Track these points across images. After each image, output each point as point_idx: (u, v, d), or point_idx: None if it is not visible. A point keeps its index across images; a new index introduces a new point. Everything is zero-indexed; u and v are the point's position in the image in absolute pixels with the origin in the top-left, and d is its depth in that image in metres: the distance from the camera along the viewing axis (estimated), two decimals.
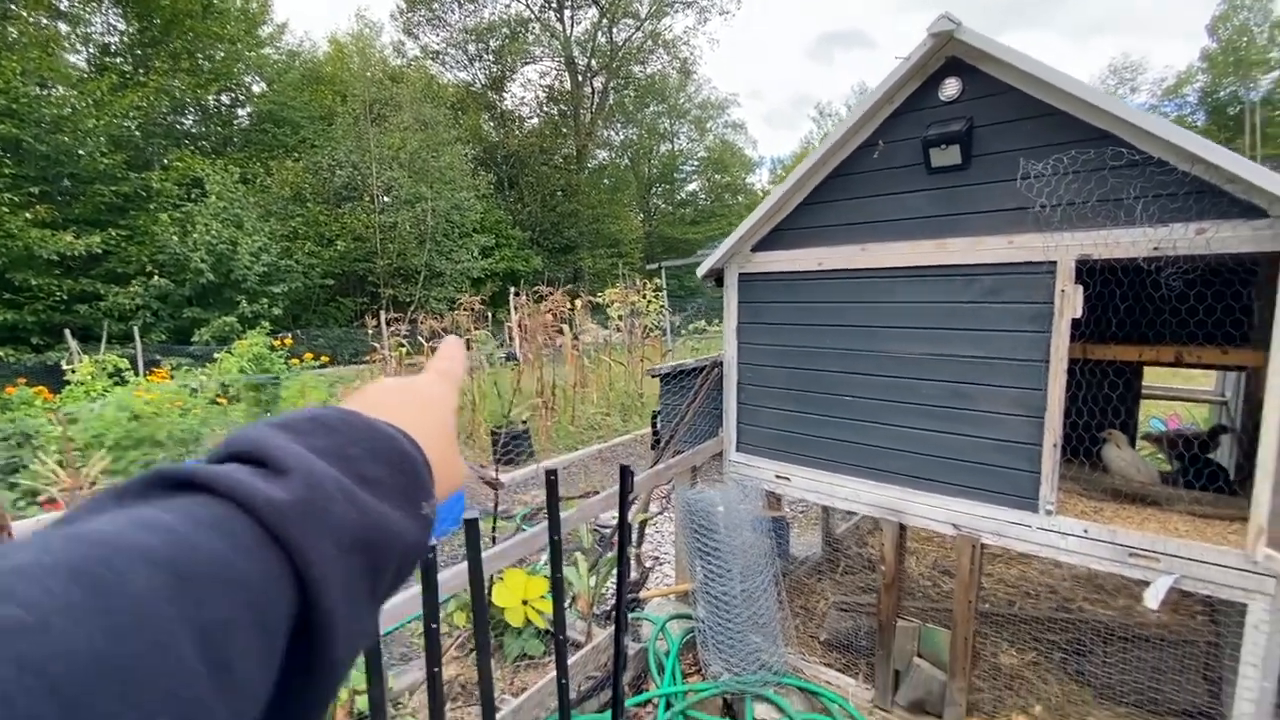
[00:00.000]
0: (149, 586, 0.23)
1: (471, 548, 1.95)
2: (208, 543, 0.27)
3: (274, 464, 0.32)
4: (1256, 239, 2.24)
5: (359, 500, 0.33)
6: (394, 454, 0.38)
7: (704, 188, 44.16)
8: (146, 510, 0.28)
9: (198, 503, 0.29)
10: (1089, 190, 2.50)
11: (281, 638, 0.29)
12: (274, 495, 0.30)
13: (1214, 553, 2.46)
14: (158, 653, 0.22)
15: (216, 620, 0.25)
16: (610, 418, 10.74)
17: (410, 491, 0.38)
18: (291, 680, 0.30)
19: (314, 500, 0.31)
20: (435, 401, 0.49)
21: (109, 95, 17.29)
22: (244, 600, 0.27)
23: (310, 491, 0.31)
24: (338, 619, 0.30)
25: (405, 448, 0.39)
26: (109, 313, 16.26)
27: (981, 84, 2.76)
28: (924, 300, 3.04)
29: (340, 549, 0.31)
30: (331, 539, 0.31)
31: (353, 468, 0.35)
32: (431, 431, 0.45)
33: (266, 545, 0.29)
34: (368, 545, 0.33)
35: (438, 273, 23.52)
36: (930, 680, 3.19)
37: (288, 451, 0.33)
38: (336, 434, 0.37)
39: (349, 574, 0.32)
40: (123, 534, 0.25)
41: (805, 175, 3.34)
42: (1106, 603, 4.13)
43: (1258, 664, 2.40)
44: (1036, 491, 2.78)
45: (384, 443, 0.38)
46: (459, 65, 33.57)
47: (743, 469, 3.91)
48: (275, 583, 0.29)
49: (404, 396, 0.47)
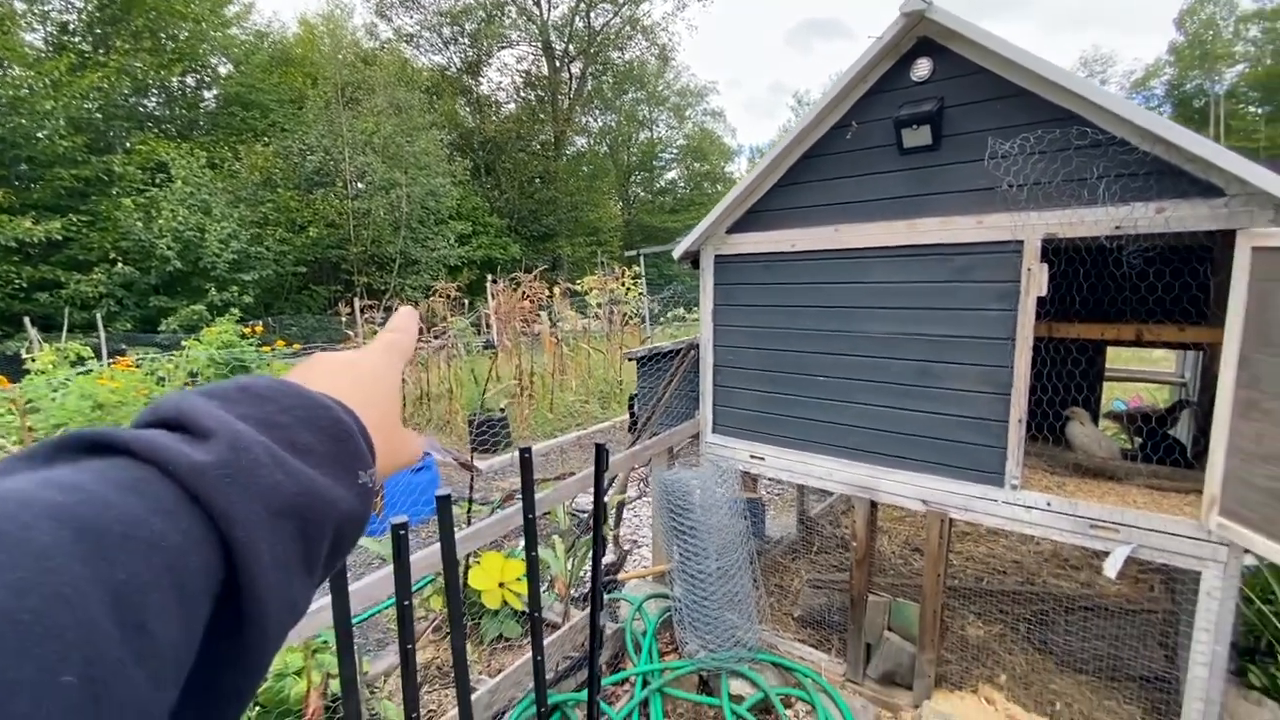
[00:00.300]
0: (54, 542, 0.23)
1: (444, 524, 1.94)
2: (121, 502, 0.26)
3: (196, 429, 0.31)
4: (1214, 218, 2.31)
5: (288, 466, 0.33)
6: (326, 421, 0.37)
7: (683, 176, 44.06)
8: (56, 471, 0.27)
9: (113, 464, 0.28)
10: (1054, 170, 2.54)
11: (205, 602, 0.28)
12: (195, 457, 0.29)
13: (1170, 523, 2.55)
14: (62, 608, 0.21)
15: (130, 581, 0.24)
16: (589, 405, 10.74)
17: (345, 460, 0.37)
18: (220, 647, 0.29)
19: (238, 463, 0.30)
20: (378, 374, 0.48)
21: (67, 76, 16.64)
22: (161, 562, 0.26)
23: (234, 454, 0.30)
24: (266, 585, 0.29)
25: (339, 415, 0.38)
26: (71, 301, 15.75)
27: (952, 64, 2.78)
28: (895, 280, 3.07)
29: (269, 513, 0.30)
30: (259, 503, 0.30)
31: (282, 435, 0.34)
32: (373, 404, 0.44)
33: (187, 507, 0.28)
34: (298, 512, 0.32)
35: (413, 260, 23.19)
36: (900, 653, 3.27)
37: (212, 416, 0.32)
38: (266, 402, 0.36)
39: (278, 540, 0.31)
40: (27, 491, 0.24)
41: (780, 156, 3.34)
42: (1070, 576, 4.26)
43: (1210, 629, 2.50)
44: (1002, 467, 2.85)
45: (316, 410, 0.37)
46: (434, 49, 32.92)
47: (719, 450, 3.94)
48: (197, 545, 0.28)
49: (344, 369, 0.46)
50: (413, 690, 1.89)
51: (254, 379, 0.37)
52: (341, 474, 0.36)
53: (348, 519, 0.35)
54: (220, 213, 18.25)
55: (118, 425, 0.33)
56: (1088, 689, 3.25)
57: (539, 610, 2.17)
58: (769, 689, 3.24)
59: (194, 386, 4.71)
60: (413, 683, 1.90)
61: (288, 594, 0.31)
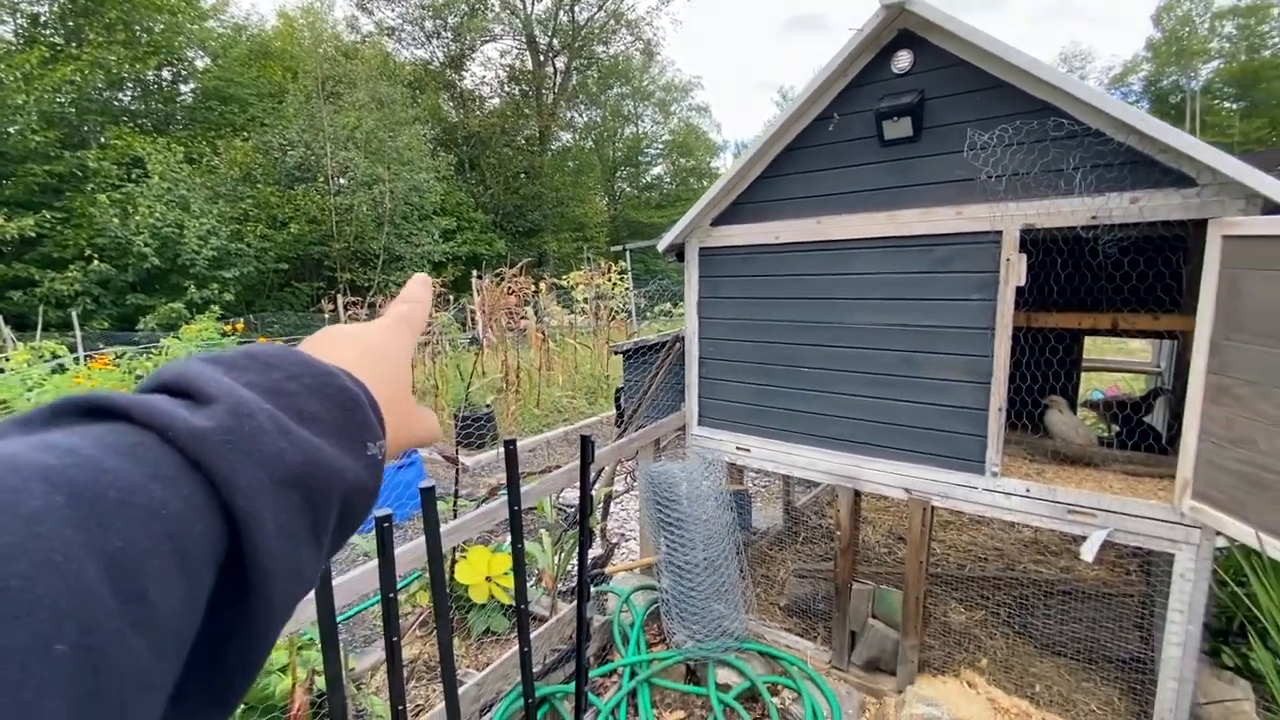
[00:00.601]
0: (45, 506, 0.22)
1: (428, 517, 1.94)
2: (119, 467, 0.25)
3: (199, 394, 0.30)
4: (1185, 207, 2.35)
5: (293, 434, 0.32)
6: (333, 390, 0.36)
7: (669, 171, 44.02)
8: (51, 435, 0.26)
9: (111, 429, 0.27)
10: (1032, 161, 2.58)
11: (208, 571, 0.27)
12: (195, 423, 0.28)
13: (1145, 507, 2.60)
14: (53, 575, 0.21)
15: (127, 548, 0.23)
16: (576, 400, 10.72)
17: (352, 429, 0.36)
18: (225, 617, 0.28)
19: (240, 429, 0.29)
20: (388, 347, 0.46)
21: (39, 69, 16.25)
22: (161, 530, 0.25)
23: (237, 421, 0.30)
24: (271, 554, 0.29)
25: (346, 384, 0.37)
26: (45, 299, 15.43)
27: (932, 56, 2.81)
28: (877, 271, 3.10)
29: (273, 481, 0.30)
30: (262, 471, 0.29)
31: (288, 402, 0.33)
32: (382, 377, 0.43)
33: (188, 474, 0.27)
34: (303, 481, 0.31)
35: (397, 256, 22.97)
36: (884, 639, 3.31)
37: (215, 382, 0.31)
38: (272, 369, 0.35)
39: (282, 509, 0.30)
40: (18, 454, 0.23)
41: (763, 149, 3.35)
42: (1049, 562, 4.34)
43: (1184, 610, 2.56)
44: (983, 455, 2.89)
45: (323, 378, 0.36)
46: (416, 42, 32.53)
47: (705, 442, 3.96)
48: (198, 513, 0.27)
49: (352, 341, 0.45)
50: (399, 684, 1.88)
51: (261, 346, 0.37)
52: (349, 444, 0.35)
53: (356, 489, 0.35)
54: (199, 209, 17.93)
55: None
56: (1066, 671, 3.32)
57: (525, 603, 2.17)
58: (755, 677, 3.27)
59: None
60: (399, 676, 1.89)
61: (294, 563, 0.30)
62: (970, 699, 3.06)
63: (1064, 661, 3.39)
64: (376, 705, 3.06)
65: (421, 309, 0.53)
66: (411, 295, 0.54)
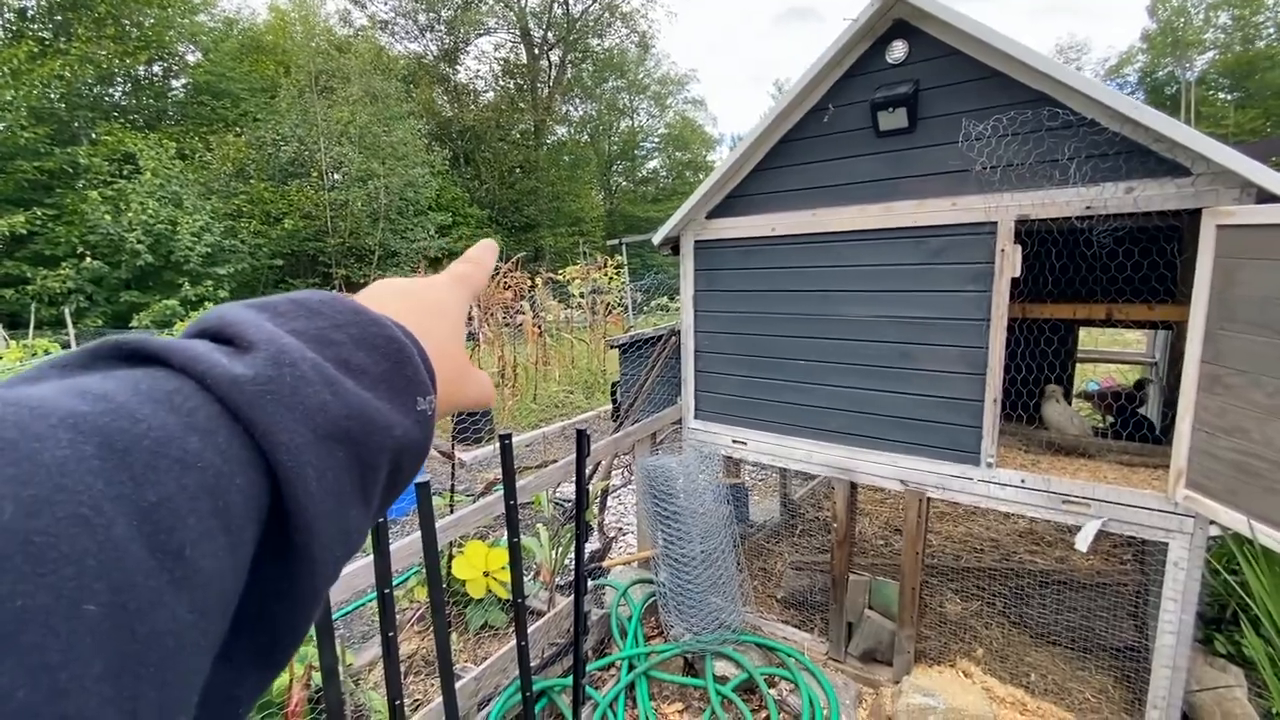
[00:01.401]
0: (74, 455, 0.21)
1: (423, 511, 1.93)
2: (153, 416, 0.24)
3: (240, 340, 0.29)
4: (1180, 196, 2.35)
5: (339, 386, 0.30)
6: (383, 340, 0.34)
7: (665, 165, 43.85)
8: (87, 378, 0.24)
9: (148, 374, 0.25)
10: (1027, 151, 2.57)
11: (250, 528, 0.26)
12: (235, 370, 0.27)
13: (1139, 496, 2.61)
14: (81, 530, 0.19)
15: (162, 503, 0.22)
16: (574, 395, 10.72)
17: (401, 384, 0.34)
18: (268, 576, 0.27)
19: (282, 378, 0.28)
20: (442, 304, 0.45)
21: (27, 64, 16.08)
22: (197, 484, 0.24)
23: (278, 370, 0.28)
24: (316, 513, 0.27)
25: (395, 334, 0.35)
26: (38, 296, 15.32)
27: (927, 46, 2.80)
28: (873, 263, 3.10)
29: (316, 435, 0.28)
30: (305, 423, 0.28)
31: (335, 352, 0.32)
32: (435, 332, 0.41)
33: (227, 424, 0.26)
34: (350, 435, 0.30)
35: (392, 252, 22.88)
36: (881, 630, 3.33)
37: (259, 328, 0.30)
38: (318, 316, 0.33)
39: (327, 464, 0.28)
40: (48, 398, 0.22)
41: (758, 140, 3.34)
42: (1044, 553, 4.36)
43: (1178, 599, 2.57)
44: (978, 446, 2.89)
45: (371, 328, 0.34)
46: (409, 36, 32.30)
47: (701, 435, 3.96)
48: (239, 467, 0.25)
49: (404, 295, 0.43)
50: (395, 679, 1.88)
51: (308, 292, 0.35)
52: (398, 397, 0.33)
53: (405, 447, 0.33)
54: (192, 205, 17.80)
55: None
56: (1061, 660, 3.34)
57: (522, 597, 2.17)
58: (753, 669, 3.28)
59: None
60: (395, 672, 1.89)
61: (340, 523, 0.29)
62: (966, 688, 3.07)
63: (1059, 651, 3.41)
64: (375, 700, 3.06)
65: (483, 271, 0.51)
66: (474, 256, 0.52)
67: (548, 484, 3.29)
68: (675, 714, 3.24)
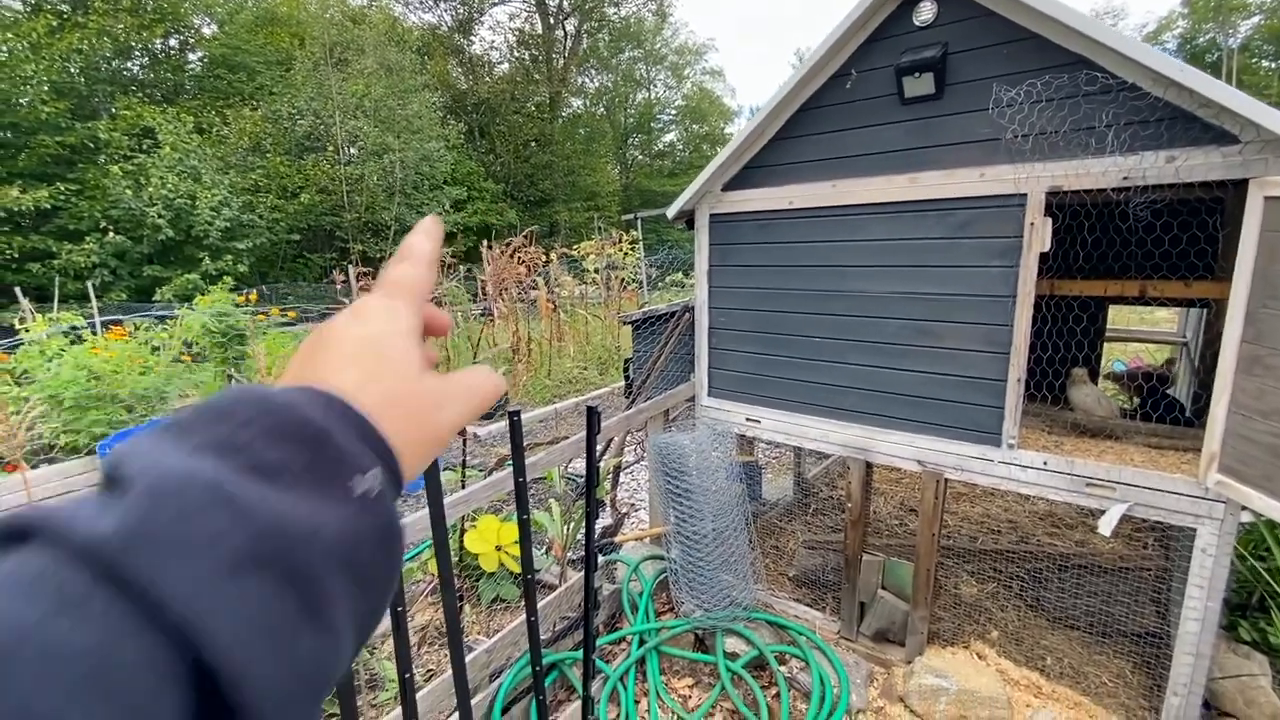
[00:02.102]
0: None
1: (431, 485, 1.92)
2: (8, 608, 0.21)
3: (117, 480, 0.26)
4: (1227, 166, 2.22)
5: (239, 503, 0.26)
6: (293, 427, 0.30)
7: (682, 138, 43.13)
8: None
9: (19, 559, 0.23)
10: (1061, 118, 2.44)
11: (164, 702, 0.22)
12: (98, 526, 0.24)
13: (1167, 481, 2.52)
14: None
15: (23, 711, 0.19)
16: (588, 372, 10.71)
17: (328, 471, 0.30)
18: None
19: (157, 519, 0.24)
20: (378, 337, 0.38)
21: (46, 38, 16.14)
22: (69, 673, 0.20)
23: (154, 508, 0.25)
24: (245, 658, 0.24)
25: (306, 415, 0.31)
26: (63, 271, 15.60)
27: (958, 6, 2.65)
28: (895, 237, 2.99)
29: (219, 570, 0.24)
30: (200, 561, 0.24)
31: (244, 459, 0.28)
32: (377, 377, 0.35)
33: (103, 590, 0.23)
34: (266, 556, 0.26)
35: (408, 227, 22.55)
36: (894, 611, 3.29)
37: (140, 459, 0.26)
38: (223, 419, 0.29)
39: (244, 599, 0.25)
40: None
41: (776, 109, 3.22)
42: (1064, 535, 4.28)
43: (1204, 585, 2.50)
44: (1000, 427, 2.81)
45: (279, 414, 0.30)
46: (424, 6, 31.87)
47: (714, 413, 3.92)
48: (127, 635, 0.22)
49: (328, 345, 0.37)
50: (405, 651, 1.89)
51: (221, 393, 0.31)
52: (325, 488, 0.29)
53: (347, 542, 0.28)
54: (210, 179, 17.92)
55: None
56: (1078, 644, 3.29)
57: (532, 572, 2.16)
58: (764, 646, 3.28)
59: (189, 358, 4.59)
60: (405, 644, 1.90)
61: (287, 660, 0.25)
62: (980, 670, 3.04)
63: (1076, 635, 3.36)
64: (389, 669, 3.11)
65: (423, 264, 0.44)
66: (410, 248, 0.44)
67: (560, 460, 3.28)
68: (685, 689, 3.26)
